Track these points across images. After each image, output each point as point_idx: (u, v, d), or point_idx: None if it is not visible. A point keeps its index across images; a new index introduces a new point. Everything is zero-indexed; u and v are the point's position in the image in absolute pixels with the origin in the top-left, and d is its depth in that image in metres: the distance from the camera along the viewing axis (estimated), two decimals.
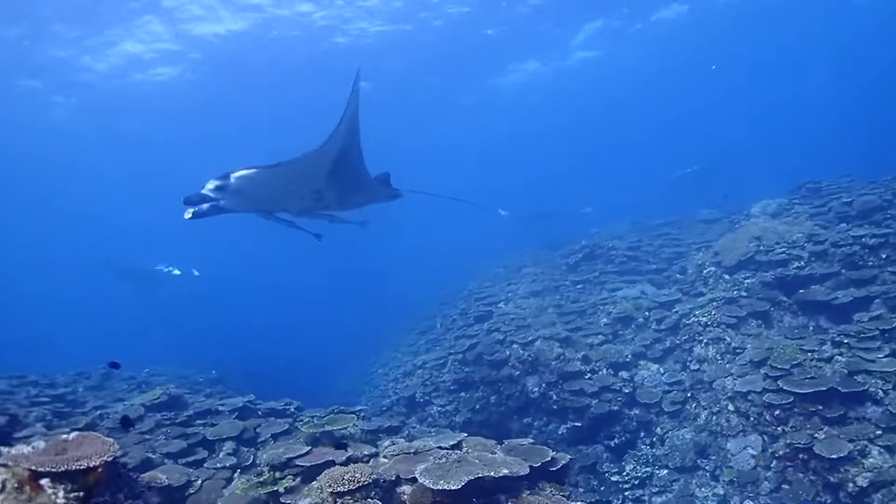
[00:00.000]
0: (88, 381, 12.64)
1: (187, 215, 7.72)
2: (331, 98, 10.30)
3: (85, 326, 33.77)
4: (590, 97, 40.02)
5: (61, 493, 3.18)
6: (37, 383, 11.64)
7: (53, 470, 3.11)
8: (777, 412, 8.87)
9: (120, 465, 3.83)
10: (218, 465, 7.86)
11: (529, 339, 12.08)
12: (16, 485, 3.12)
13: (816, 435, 8.37)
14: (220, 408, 9.61)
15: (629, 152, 56.48)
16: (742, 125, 52.11)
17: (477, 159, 53.73)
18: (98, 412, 9.80)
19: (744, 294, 11.43)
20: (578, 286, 14.48)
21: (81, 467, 3.18)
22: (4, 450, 3.29)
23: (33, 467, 3.11)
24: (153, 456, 7.97)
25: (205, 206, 7.69)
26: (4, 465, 3.20)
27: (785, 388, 8.86)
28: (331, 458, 7.04)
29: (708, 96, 46.44)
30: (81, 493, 3.25)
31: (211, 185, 7.61)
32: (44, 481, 3.16)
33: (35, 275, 49.14)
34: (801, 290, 10.88)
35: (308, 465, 7.02)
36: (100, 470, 3.35)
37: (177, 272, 26.51)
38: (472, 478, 5.70)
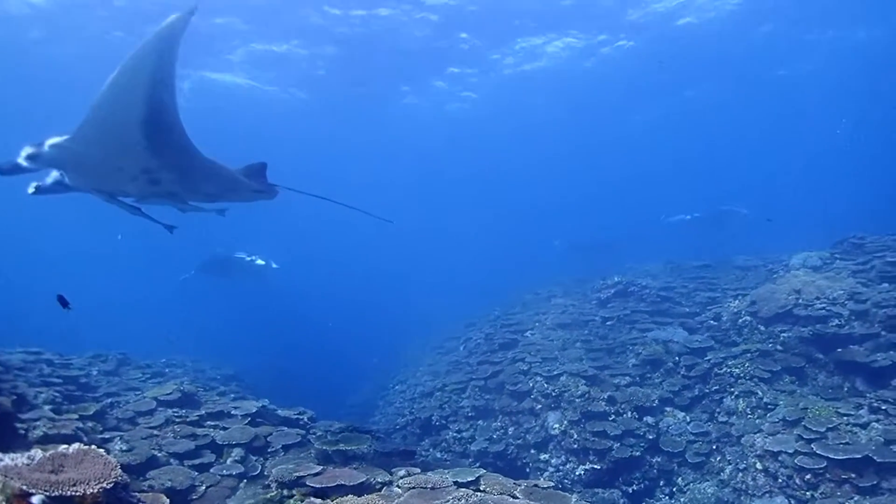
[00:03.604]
0: (104, 364, 12.54)
1: (30, 190, 7.12)
2: None
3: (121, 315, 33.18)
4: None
5: None
6: (51, 362, 11.42)
7: (47, 493, 2.85)
8: (808, 476, 8.52)
9: (120, 486, 3.54)
10: (224, 471, 7.71)
11: (555, 372, 11.85)
12: (3, 501, 2.86)
13: None
14: (234, 411, 9.38)
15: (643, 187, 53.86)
16: (770, 174, 50.04)
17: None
18: (109, 400, 9.69)
19: (779, 348, 11.09)
20: (608, 323, 14.08)
21: (78, 493, 2.90)
22: None
23: (25, 487, 2.85)
24: (159, 454, 7.81)
25: (49, 181, 7.08)
26: None
27: (818, 451, 8.53)
28: (342, 482, 6.77)
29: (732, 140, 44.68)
30: None
31: (25, 152, 6.61)
32: (35, 500, 2.90)
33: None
34: (839, 350, 10.50)
35: (319, 486, 6.75)
36: (98, 497, 3.07)
37: (260, 262, 25.31)
38: None
